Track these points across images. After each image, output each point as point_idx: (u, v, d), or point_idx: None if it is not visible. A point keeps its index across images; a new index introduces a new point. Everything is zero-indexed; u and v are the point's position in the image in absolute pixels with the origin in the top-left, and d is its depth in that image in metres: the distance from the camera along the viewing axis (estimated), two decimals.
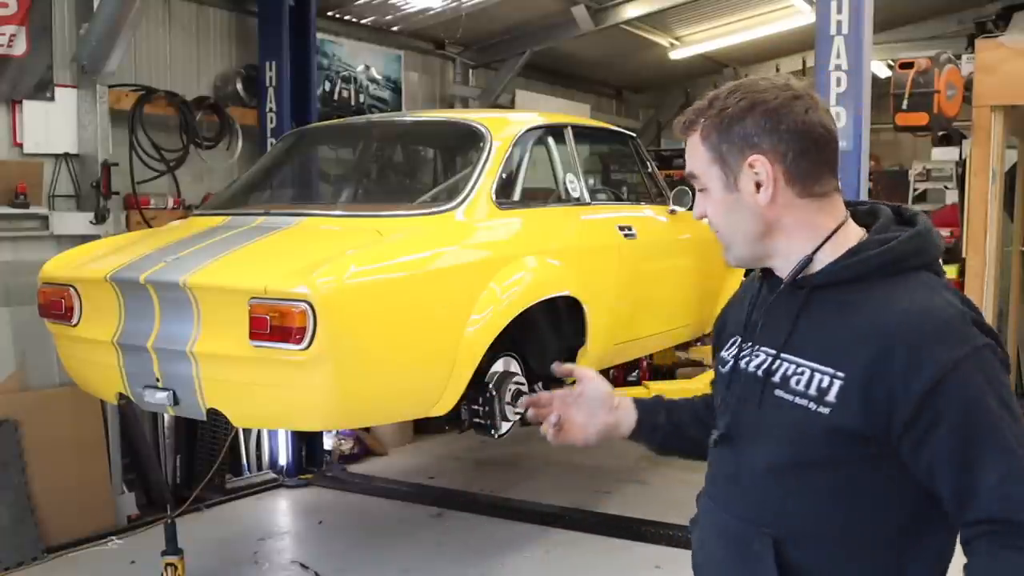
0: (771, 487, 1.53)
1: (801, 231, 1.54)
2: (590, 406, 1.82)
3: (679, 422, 1.86)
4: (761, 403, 1.54)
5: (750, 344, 1.62)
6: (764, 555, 1.51)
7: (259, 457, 6.23)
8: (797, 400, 1.48)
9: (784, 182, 1.51)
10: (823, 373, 1.46)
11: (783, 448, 1.51)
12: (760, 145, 1.50)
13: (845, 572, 1.51)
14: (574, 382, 1.87)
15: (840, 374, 1.44)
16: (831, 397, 1.44)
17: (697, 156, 1.57)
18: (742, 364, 1.62)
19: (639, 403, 1.87)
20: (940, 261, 1.58)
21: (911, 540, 1.49)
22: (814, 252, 1.53)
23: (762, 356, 1.57)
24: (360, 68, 7.45)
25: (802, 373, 1.49)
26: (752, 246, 1.58)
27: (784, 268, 1.57)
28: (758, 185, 1.52)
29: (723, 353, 1.70)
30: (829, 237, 1.53)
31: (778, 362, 1.53)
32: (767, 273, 1.63)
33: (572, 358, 4.58)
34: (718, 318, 1.83)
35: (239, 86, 6.33)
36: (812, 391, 1.47)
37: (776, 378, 1.52)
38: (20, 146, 5.14)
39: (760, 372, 1.56)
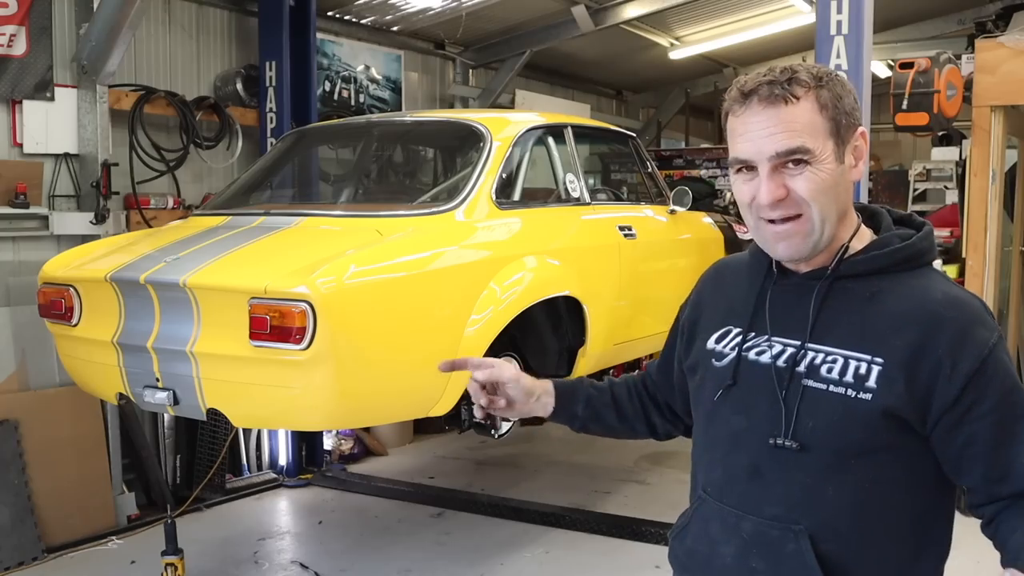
0: (804, 479, 1.49)
1: (848, 217, 1.56)
2: (512, 392, 1.83)
3: (597, 410, 1.90)
4: (787, 394, 1.50)
5: (756, 336, 1.59)
6: (803, 553, 1.47)
7: (259, 457, 6.23)
8: (832, 388, 1.47)
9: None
10: (859, 360, 1.46)
11: (820, 438, 1.47)
12: (859, 119, 1.53)
13: (872, 560, 1.50)
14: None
15: (879, 359, 1.44)
16: (871, 383, 1.44)
17: (812, 126, 1.46)
18: (752, 356, 1.58)
19: (559, 391, 1.88)
20: None
21: (925, 529, 1.52)
22: (850, 240, 1.54)
23: (779, 347, 1.54)
24: (360, 68, 7.45)
25: (834, 361, 1.48)
26: (836, 227, 1.51)
27: (814, 258, 1.54)
28: (856, 160, 1.53)
29: (715, 346, 1.65)
30: (859, 228, 1.57)
31: (804, 352, 1.51)
32: (770, 264, 1.61)
33: (572, 358, 4.58)
34: (688, 309, 1.81)
35: (239, 86, 6.33)
36: (849, 378, 1.46)
37: (802, 367, 1.50)
38: (20, 146, 5.14)
39: (782, 362, 1.53)
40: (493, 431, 4.12)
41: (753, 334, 1.59)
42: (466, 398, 4.00)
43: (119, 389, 3.93)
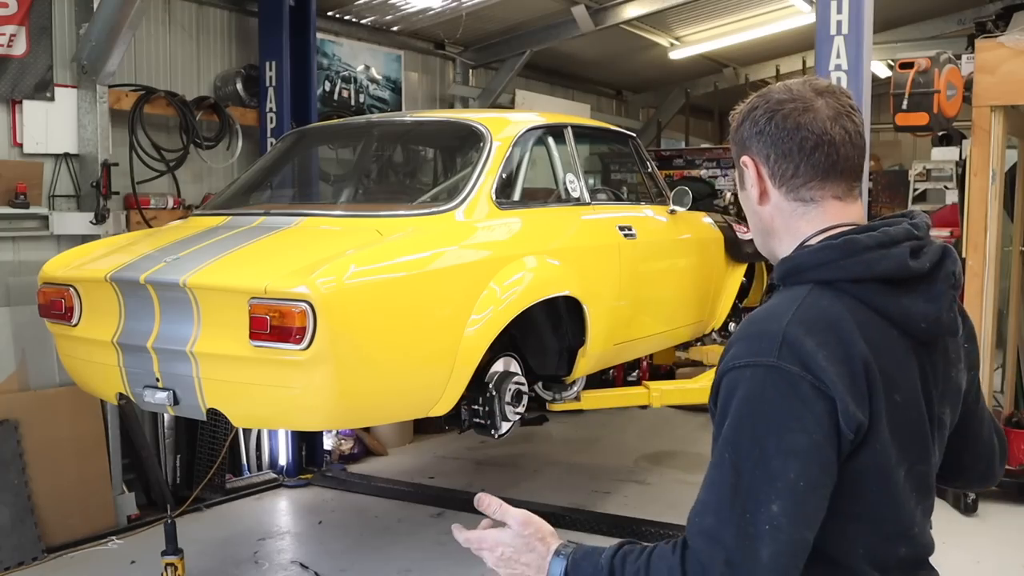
0: None
1: (786, 236, 1.57)
2: None
3: None
4: None
5: None
6: None
7: (259, 457, 6.24)
8: None
9: (770, 184, 1.56)
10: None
11: None
12: (750, 147, 1.56)
13: None
14: None
15: None
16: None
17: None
18: None
19: None
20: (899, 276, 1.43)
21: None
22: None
23: None
24: (360, 68, 7.46)
25: None
26: (762, 243, 1.64)
27: None
28: (749, 186, 1.58)
29: None
30: (803, 244, 1.52)
31: None
32: None
33: (572, 358, 4.58)
34: None
35: (239, 86, 6.33)
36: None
37: None
38: (20, 146, 5.14)
39: None
40: (493, 431, 4.12)
41: None
42: (466, 398, 4.00)
43: (119, 389, 3.93)
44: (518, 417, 4.20)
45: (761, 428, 1.35)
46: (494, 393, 4.05)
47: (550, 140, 4.86)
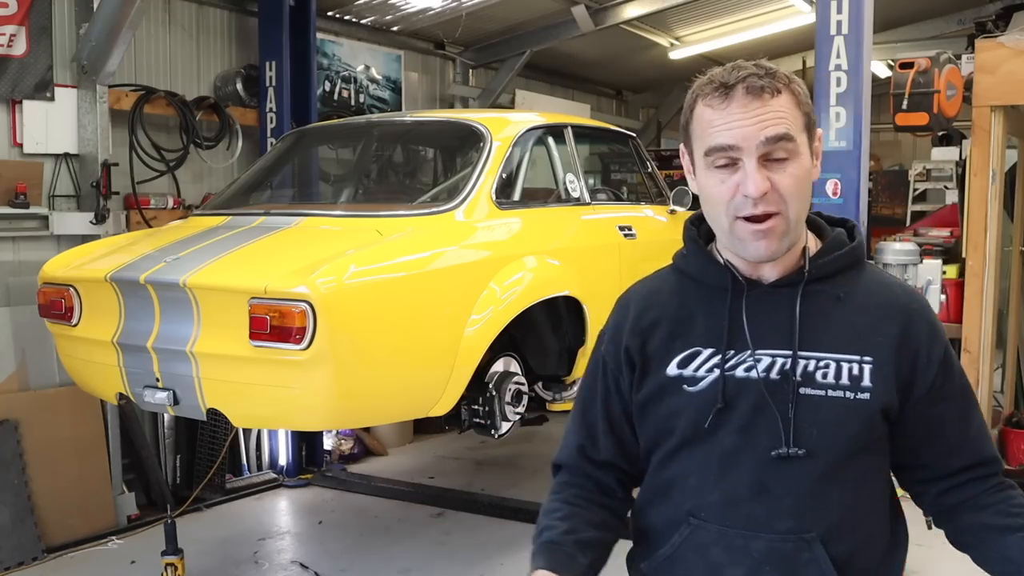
0: (811, 486, 1.47)
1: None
2: None
3: (592, 543, 1.60)
4: (789, 405, 1.47)
5: (736, 353, 1.52)
6: (819, 561, 1.46)
7: (259, 457, 6.23)
8: (831, 393, 1.47)
9: None
10: (850, 361, 1.48)
11: (824, 443, 1.47)
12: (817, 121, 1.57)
13: (873, 548, 1.56)
14: None
15: (868, 358, 1.48)
16: (867, 382, 1.47)
17: (793, 118, 1.46)
18: (740, 373, 1.51)
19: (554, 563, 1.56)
20: None
21: (897, 510, 1.62)
22: (806, 244, 1.57)
23: (767, 360, 1.50)
24: (360, 68, 7.45)
25: (827, 366, 1.48)
26: (801, 227, 1.52)
27: (779, 263, 1.52)
28: (816, 159, 1.53)
29: (681, 371, 1.56)
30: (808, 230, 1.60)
31: (796, 361, 1.48)
32: (734, 277, 1.55)
33: (572, 358, 4.58)
34: (625, 342, 1.64)
35: (239, 86, 6.32)
36: (845, 380, 1.47)
37: (799, 376, 1.48)
38: (20, 146, 5.14)
39: (775, 375, 1.49)
40: (493, 431, 4.12)
41: (732, 352, 1.52)
42: (466, 398, 4.00)
43: (119, 389, 3.94)
44: (518, 417, 4.20)
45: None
46: (494, 393, 4.06)
47: (550, 140, 4.86)
